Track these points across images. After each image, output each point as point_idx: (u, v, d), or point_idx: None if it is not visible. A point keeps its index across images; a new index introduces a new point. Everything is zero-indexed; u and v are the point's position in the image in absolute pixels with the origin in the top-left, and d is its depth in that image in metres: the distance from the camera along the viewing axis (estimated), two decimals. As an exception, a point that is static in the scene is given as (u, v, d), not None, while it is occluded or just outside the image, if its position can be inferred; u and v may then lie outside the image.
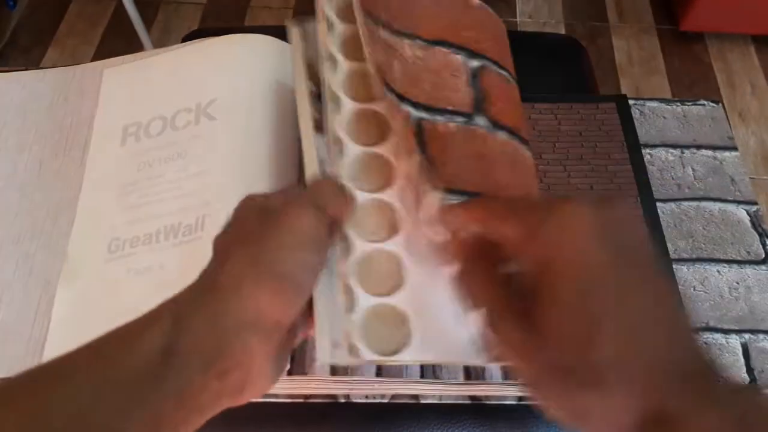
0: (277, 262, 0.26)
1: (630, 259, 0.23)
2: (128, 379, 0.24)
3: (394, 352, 0.29)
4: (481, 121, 0.36)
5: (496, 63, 0.40)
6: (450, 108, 0.36)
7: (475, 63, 0.39)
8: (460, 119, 0.36)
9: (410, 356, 0.29)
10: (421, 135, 0.34)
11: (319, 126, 0.35)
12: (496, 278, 0.27)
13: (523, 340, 0.24)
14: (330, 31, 0.38)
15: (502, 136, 0.37)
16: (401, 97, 0.35)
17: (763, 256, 0.47)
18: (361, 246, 0.32)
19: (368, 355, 0.29)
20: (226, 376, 0.25)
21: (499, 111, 0.38)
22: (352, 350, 0.29)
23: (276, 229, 0.27)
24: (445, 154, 0.34)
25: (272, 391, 0.43)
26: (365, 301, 0.30)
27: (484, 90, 0.38)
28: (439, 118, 0.35)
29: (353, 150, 0.35)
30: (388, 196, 0.34)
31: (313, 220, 0.28)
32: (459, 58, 0.38)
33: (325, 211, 0.29)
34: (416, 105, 0.35)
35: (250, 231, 0.28)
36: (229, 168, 0.43)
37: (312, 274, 0.28)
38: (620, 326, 0.22)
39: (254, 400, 0.44)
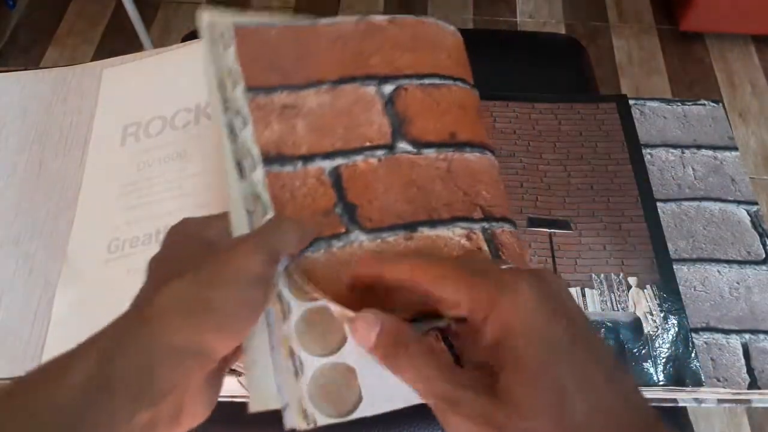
0: (218, 299, 0.26)
1: (575, 326, 0.25)
2: (49, 417, 0.23)
3: (350, 411, 0.29)
4: (404, 146, 0.36)
5: (418, 75, 0.39)
6: (368, 144, 0.36)
7: (389, 87, 0.38)
8: (381, 152, 0.36)
9: (365, 412, 0.29)
10: (338, 183, 0.34)
11: (242, 169, 0.34)
12: (438, 356, 0.28)
13: (488, 411, 0.24)
14: (231, 82, 0.35)
15: (429, 153, 0.36)
16: (307, 158, 0.34)
17: (764, 256, 0.47)
18: (298, 307, 0.30)
19: (322, 420, 0.28)
20: (158, 405, 0.25)
21: (421, 129, 0.37)
22: (307, 417, 0.28)
23: (220, 266, 0.27)
24: (370, 192, 0.34)
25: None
26: (311, 365, 0.29)
27: (401, 113, 0.37)
28: (357, 157, 0.35)
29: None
30: None
31: (261, 264, 0.28)
32: (370, 89, 0.37)
33: (280, 254, 0.29)
34: (330, 155, 0.35)
35: (189, 261, 0.27)
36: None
37: (254, 311, 0.28)
38: (584, 389, 0.24)
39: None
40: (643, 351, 0.43)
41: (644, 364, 0.42)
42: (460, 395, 0.26)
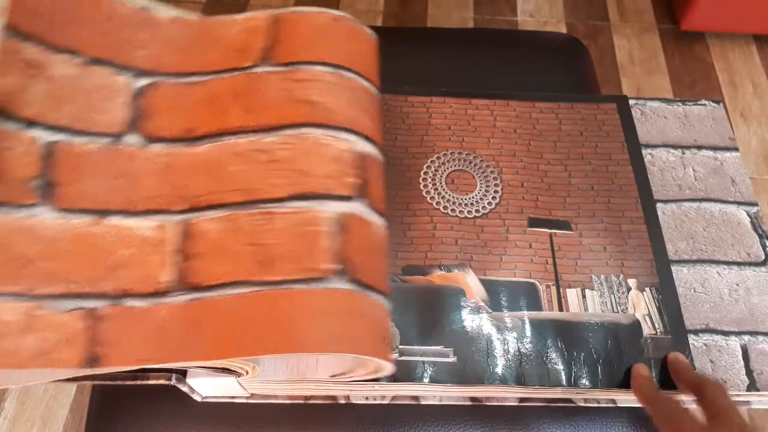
0: None
1: None
2: None
3: None
4: (132, 139, 0.36)
5: (179, 74, 0.39)
6: (94, 130, 0.36)
7: (142, 82, 0.38)
8: (105, 140, 0.36)
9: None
10: (49, 158, 0.34)
11: None
12: None
13: None
14: None
15: (154, 148, 0.37)
16: (30, 123, 0.34)
17: (763, 257, 0.47)
18: None
19: None
20: None
21: (159, 125, 0.37)
22: None
23: None
24: (76, 174, 0.35)
25: (273, 392, 0.43)
26: None
27: (143, 108, 0.37)
28: (77, 139, 0.35)
29: None
30: None
31: None
32: (122, 78, 0.37)
33: None
34: (54, 128, 0.35)
35: None
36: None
37: None
38: None
39: (255, 401, 0.43)
40: (642, 354, 0.43)
41: (643, 365, 0.42)
42: None
